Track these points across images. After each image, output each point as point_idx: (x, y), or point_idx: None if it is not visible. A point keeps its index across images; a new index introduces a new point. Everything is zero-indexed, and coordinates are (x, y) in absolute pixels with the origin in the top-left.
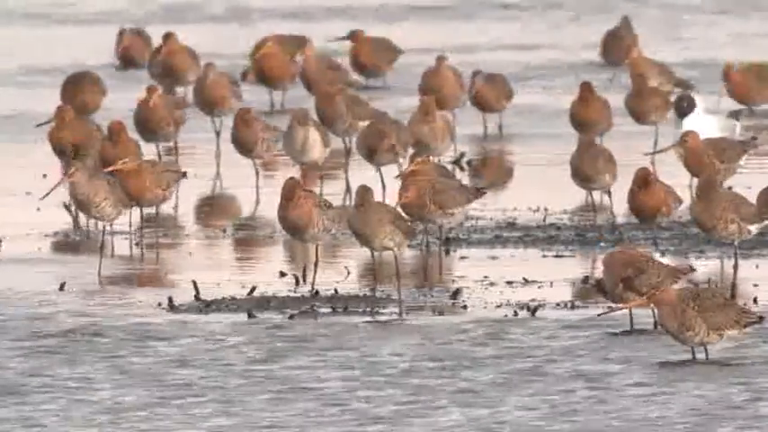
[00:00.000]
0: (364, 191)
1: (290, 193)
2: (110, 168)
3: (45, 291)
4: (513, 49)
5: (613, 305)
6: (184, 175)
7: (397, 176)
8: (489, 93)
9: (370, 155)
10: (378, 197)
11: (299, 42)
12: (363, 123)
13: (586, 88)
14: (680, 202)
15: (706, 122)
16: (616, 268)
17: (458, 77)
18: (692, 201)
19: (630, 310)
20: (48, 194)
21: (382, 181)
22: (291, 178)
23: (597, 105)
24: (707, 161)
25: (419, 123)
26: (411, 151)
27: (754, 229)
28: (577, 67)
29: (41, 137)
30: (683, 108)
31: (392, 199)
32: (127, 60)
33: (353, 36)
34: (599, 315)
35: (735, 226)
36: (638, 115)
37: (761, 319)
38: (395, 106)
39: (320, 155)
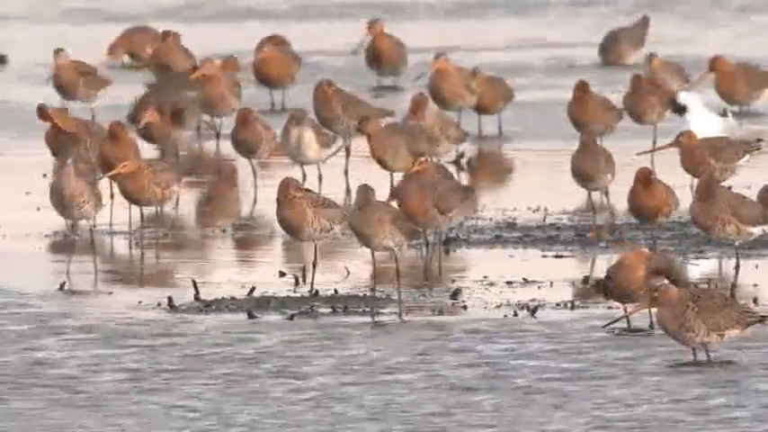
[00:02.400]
0: (365, 190)
1: (283, 192)
2: (111, 173)
3: (45, 291)
4: (515, 48)
5: (619, 315)
6: (186, 173)
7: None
8: (487, 95)
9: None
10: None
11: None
12: None
13: (581, 88)
14: (678, 203)
15: (710, 120)
16: (638, 270)
17: (463, 76)
18: (692, 201)
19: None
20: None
21: (392, 183)
22: (286, 178)
23: (592, 105)
24: (701, 160)
25: (410, 122)
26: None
27: (756, 231)
28: (581, 66)
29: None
30: (678, 105)
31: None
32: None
33: (372, 27)
34: (604, 327)
35: (732, 227)
36: (636, 114)
37: (763, 318)
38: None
39: (316, 155)
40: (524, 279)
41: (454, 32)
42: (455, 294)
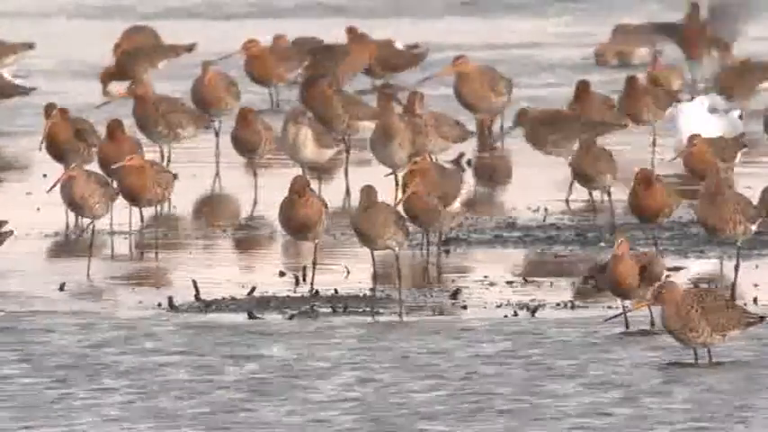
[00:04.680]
0: (369, 191)
1: (301, 191)
2: (117, 165)
3: (45, 291)
4: (518, 46)
5: (623, 308)
6: (175, 177)
7: (387, 175)
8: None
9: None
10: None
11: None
12: (363, 123)
13: (582, 87)
14: (679, 202)
15: (708, 119)
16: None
17: (489, 77)
18: (699, 202)
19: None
20: (54, 187)
21: (396, 181)
22: (300, 176)
23: (592, 105)
24: (709, 160)
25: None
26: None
27: (754, 227)
28: (583, 65)
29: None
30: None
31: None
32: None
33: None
34: (606, 320)
35: (742, 227)
36: (632, 115)
37: (762, 318)
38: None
39: (315, 154)
40: (524, 279)
41: (467, 30)
42: (455, 294)
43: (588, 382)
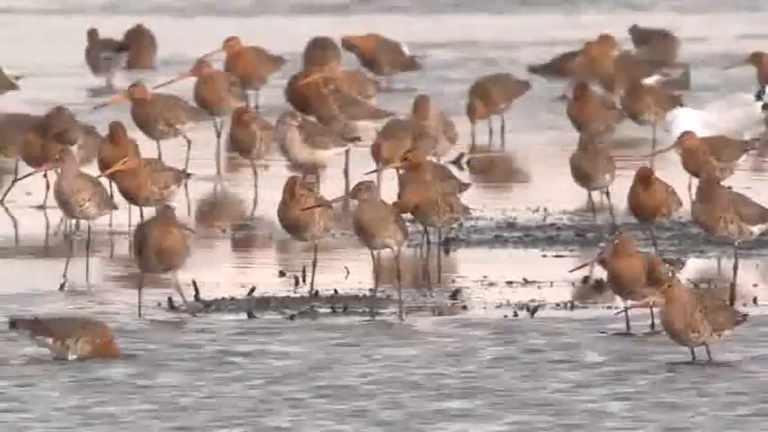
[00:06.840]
0: (366, 189)
1: (291, 191)
2: (108, 171)
3: (45, 291)
4: (518, 45)
5: (630, 303)
6: (188, 175)
7: (369, 173)
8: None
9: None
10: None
11: None
12: (361, 123)
13: (582, 87)
14: (680, 204)
15: (729, 112)
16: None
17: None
18: (694, 200)
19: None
20: (29, 175)
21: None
22: (293, 177)
23: (592, 105)
24: (703, 159)
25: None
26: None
27: (756, 230)
28: None
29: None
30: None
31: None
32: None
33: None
34: (616, 314)
35: (734, 226)
36: (633, 114)
37: (745, 317)
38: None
39: (305, 156)
40: (524, 279)
41: (472, 27)
42: (455, 294)
43: (588, 381)
